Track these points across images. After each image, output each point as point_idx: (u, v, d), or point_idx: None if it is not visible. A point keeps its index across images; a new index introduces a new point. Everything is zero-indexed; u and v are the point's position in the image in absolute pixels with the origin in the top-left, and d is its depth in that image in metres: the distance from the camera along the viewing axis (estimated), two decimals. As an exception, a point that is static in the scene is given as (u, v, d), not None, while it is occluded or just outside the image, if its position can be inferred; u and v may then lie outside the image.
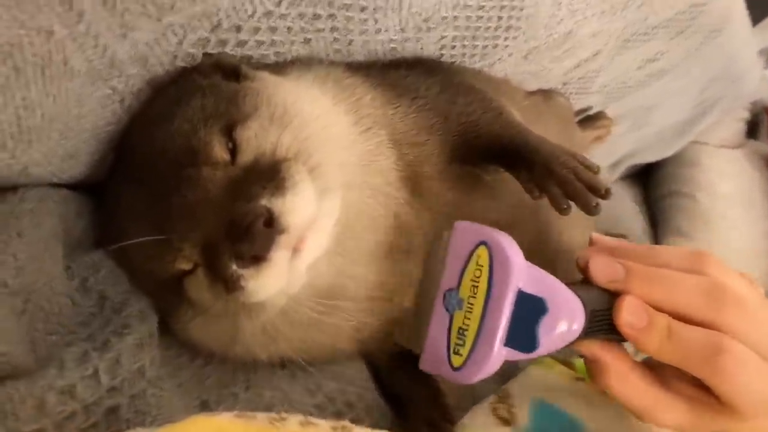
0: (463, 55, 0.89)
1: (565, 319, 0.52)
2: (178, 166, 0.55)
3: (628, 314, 0.55)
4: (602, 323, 0.56)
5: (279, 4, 0.61)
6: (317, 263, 0.60)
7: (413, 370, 0.75)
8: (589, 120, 1.36)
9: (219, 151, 0.55)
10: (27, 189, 0.55)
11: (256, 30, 0.63)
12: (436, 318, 0.55)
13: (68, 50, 0.51)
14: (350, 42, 0.73)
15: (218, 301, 0.56)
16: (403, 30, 0.76)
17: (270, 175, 0.54)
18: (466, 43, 0.87)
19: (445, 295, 0.55)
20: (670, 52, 1.26)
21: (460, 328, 0.53)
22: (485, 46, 0.90)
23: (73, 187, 0.61)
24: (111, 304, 0.56)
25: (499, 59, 0.95)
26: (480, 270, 0.53)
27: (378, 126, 0.70)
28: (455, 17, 0.79)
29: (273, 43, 0.66)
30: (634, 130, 1.59)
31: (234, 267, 0.52)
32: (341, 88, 0.70)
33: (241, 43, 0.63)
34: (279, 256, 0.53)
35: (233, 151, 0.56)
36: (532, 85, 1.13)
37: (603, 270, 0.57)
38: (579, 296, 0.53)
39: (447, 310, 0.54)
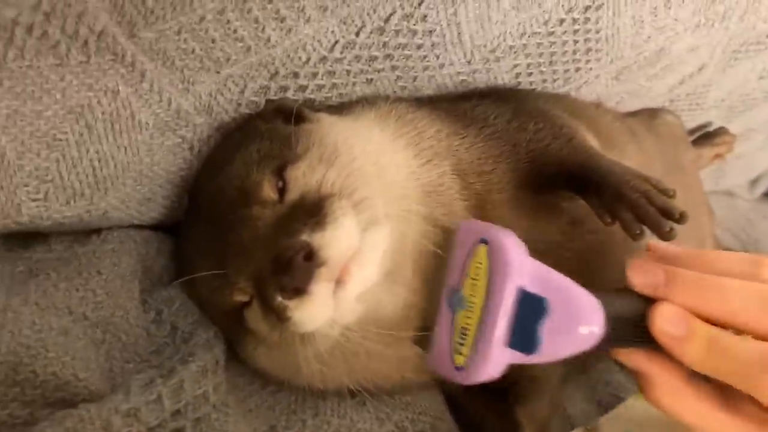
0: (544, 81, 0.88)
1: (572, 321, 0.48)
2: (235, 206, 0.59)
3: (664, 322, 0.51)
4: (641, 333, 0.51)
5: (332, 49, 0.64)
6: (375, 294, 0.62)
7: (491, 400, 0.75)
8: (707, 137, 1.28)
9: (268, 190, 0.59)
10: (110, 231, 0.62)
11: (314, 75, 0.66)
12: (441, 317, 0.54)
13: (134, 106, 0.57)
14: (415, 78, 0.74)
15: (273, 331, 0.59)
16: (469, 62, 0.77)
17: (313, 211, 0.56)
18: (543, 69, 0.86)
19: (449, 297, 0.53)
20: (794, 58, 1.17)
21: (462, 327, 0.51)
22: (566, 71, 0.88)
23: (155, 227, 0.67)
24: (181, 334, 0.61)
25: (586, 82, 0.93)
26: (479, 269, 0.51)
27: (440, 157, 0.71)
28: (524, 45, 0.79)
29: (334, 85, 0.69)
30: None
31: (279, 299, 0.55)
32: (403, 123, 0.72)
33: (302, 88, 0.67)
34: (320, 287, 0.55)
35: (282, 191, 0.59)
36: (634, 105, 1.09)
37: (640, 274, 0.54)
38: (600, 299, 0.49)
39: (450, 308, 0.52)
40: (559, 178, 0.74)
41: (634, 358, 0.54)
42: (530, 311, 0.48)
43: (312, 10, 0.60)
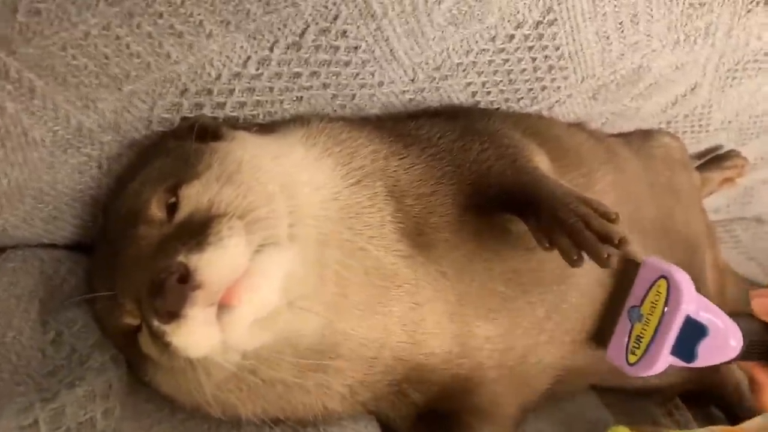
0: (507, 100, 0.83)
1: (721, 344, 0.65)
2: (126, 225, 0.56)
3: None
4: (761, 351, 0.69)
5: (245, 65, 0.61)
6: (287, 321, 0.58)
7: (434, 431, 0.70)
8: (717, 160, 1.19)
9: (155, 209, 0.56)
10: (14, 250, 0.60)
11: (231, 92, 0.62)
12: (620, 325, 0.69)
13: (25, 123, 0.55)
14: (353, 97, 0.71)
15: (163, 356, 0.55)
16: (413, 80, 0.72)
17: (198, 230, 0.53)
18: (503, 87, 0.80)
19: (629, 310, 0.69)
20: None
21: (637, 335, 0.67)
22: (530, 90, 0.82)
23: (72, 247, 0.65)
24: (78, 357, 0.58)
25: (558, 102, 0.87)
26: (658, 296, 0.66)
27: (372, 178, 0.67)
28: (473, 62, 0.74)
29: (258, 103, 0.65)
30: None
31: (156, 323, 0.52)
32: (335, 143, 0.68)
33: (220, 105, 0.63)
34: (196, 311, 0.51)
35: (173, 210, 0.56)
36: (624, 126, 1.02)
37: (762, 307, 0.69)
38: (740, 326, 0.65)
39: (629, 320, 0.68)
40: (502, 200, 0.69)
41: (754, 369, 0.72)
42: (692, 332, 0.64)
43: (212, 25, 0.57)
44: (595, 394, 0.92)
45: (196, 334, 0.52)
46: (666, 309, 0.65)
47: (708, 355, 0.64)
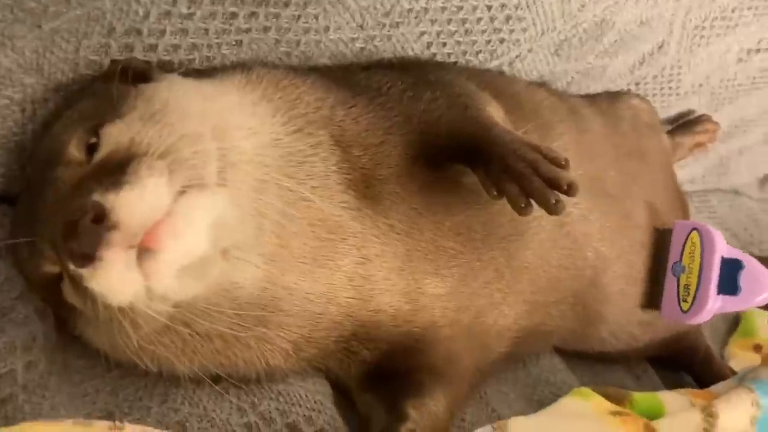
0: (465, 53, 0.79)
1: (759, 273, 0.72)
2: (45, 168, 0.52)
3: None
4: None
5: (175, 3, 0.57)
6: (223, 272, 0.55)
7: (382, 391, 0.66)
8: (688, 125, 1.16)
9: (74, 150, 0.52)
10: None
11: (162, 33, 0.59)
12: (668, 283, 0.77)
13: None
14: (298, 43, 0.67)
15: (87, 305, 0.52)
16: (362, 27, 0.69)
17: (115, 170, 0.49)
18: (459, 39, 0.77)
19: (672, 266, 0.77)
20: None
21: (685, 285, 0.74)
22: (489, 41, 0.79)
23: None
24: (1, 309, 0.55)
25: (518, 56, 0.83)
26: (694, 246, 0.74)
27: (315, 126, 0.63)
28: (425, 9, 0.70)
29: (194, 46, 0.62)
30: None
31: (72, 267, 0.48)
32: (276, 90, 0.64)
33: (152, 48, 0.60)
34: (113, 254, 0.47)
35: (93, 150, 0.52)
36: (591, 87, 0.98)
37: None
38: None
39: (674, 275, 0.76)
40: (452, 149, 0.66)
41: None
42: (731, 269, 0.72)
43: (134, -45, 0.53)
44: (561, 357, 0.89)
45: (114, 279, 0.48)
46: (703, 254, 0.73)
47: (749, 286, 0.71)
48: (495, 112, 0.68)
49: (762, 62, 1.09)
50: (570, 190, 0.56)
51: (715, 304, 0.73)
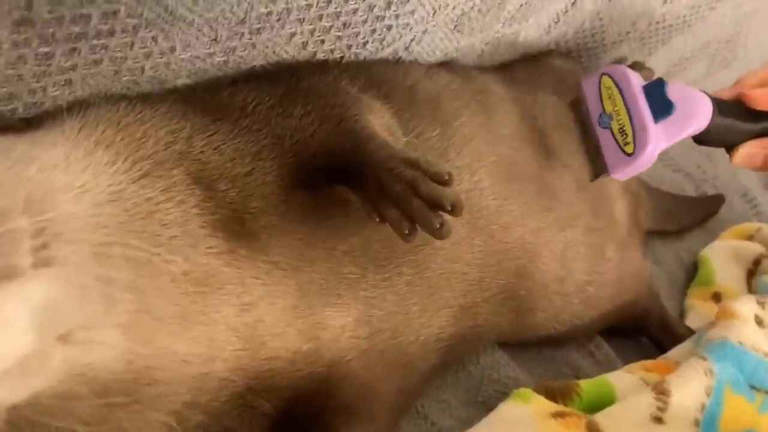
0: (349, 46, 0.68)
1: (682, 86, 0.64)
2: None
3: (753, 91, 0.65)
4: (735, 112, 0.66)
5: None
6: (78, 357, 0.44)
7: None
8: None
9: None
10: None
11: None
12: (602, 137, 0.66)
13: None
14: (142, 69, 0.55)
15: None
16: (215, 40, 0.57)
17: None
18: (339, 33, 0.65)
19: (598, 121, 0.67)
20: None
21: (619, 129, 0.64)
22: (374, 30, 0.67)
23: None
24: None
25: (413, 40, 0.72)
26: (610, 90, 0.66)
27: (167, 166, 0.52)
28: (287, 9, 0.58)
29: (11, 95, 0.51)
30: (719, 70, 1.23)
31: None
32: (116, 131, 0.53)
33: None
34: None
35: None
36: (506, 56, 0.87)
37: None
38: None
39: (605, 127, 0.66)
40: (328, 170, 0.55)
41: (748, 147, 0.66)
42: (655, 90, 0.64)
43: None
44: (504, 351, 0.80)
45: None
46: (623, 92, 0.65)
47: (682, 100, 0.63)
48: (377, 119, 0.58)
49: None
50: (454, 210, 0.46)
51: (658, 133, 0.62)
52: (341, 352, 0.57)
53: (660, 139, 0.62)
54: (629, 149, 0.63)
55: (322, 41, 0.64)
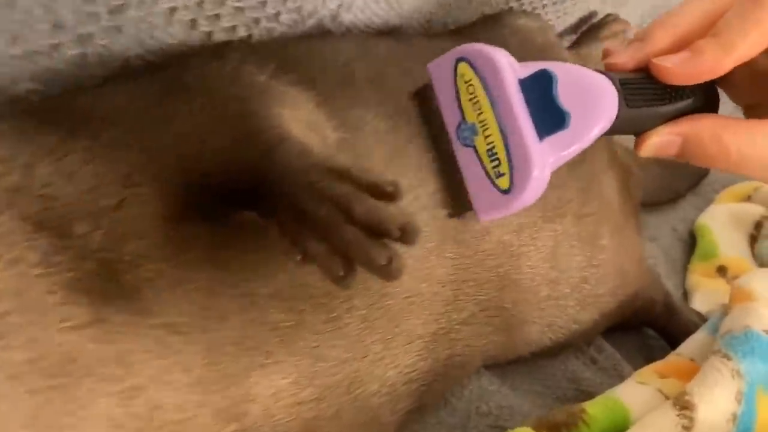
0: (257, 21, 0.52)
1: (582, 77, 0.40)
2: None
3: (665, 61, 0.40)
4: (645, 93, 0.43)
5: None
6: None
7: None
8: (593, 31, 0.90)
9: None
10: None
11: None
12: (462, 160, 0.43)
13: None
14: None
15: None
16: (61, 27, 0.41)
17: None
18: (238, 4, 0.49)
19: (456, 133, 0.44)
20: None
21: (488, 150, 0.42)
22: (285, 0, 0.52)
23: None
24: None
25: (341, 6, 0.56)
26: (472, 86, 0.42)
27: None
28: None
29: None
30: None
31: None
32: None
33: None
34: None
35: None
36: (461, 19, 0.72)
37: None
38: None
39: (466, 144, 0.43)
40: (232, 191, 0.40)
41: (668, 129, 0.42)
42: (539, 90, 0.41)
43: None
44: (492, 373, 0.66)
45: None
46: (489, 90, 0.42)
47: (579, 98, 0.41)
48: (294, 113, 0.42)
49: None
50: (405, 235, 0.31)
51: (544, 154, 0.41)
52: (280, 423, 0.42)
53: (546, 161, 0.41)
54: (503, 183, 0.42)
55: (217, 16, 0.48)
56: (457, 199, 0.44)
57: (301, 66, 0.49)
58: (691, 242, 0.95)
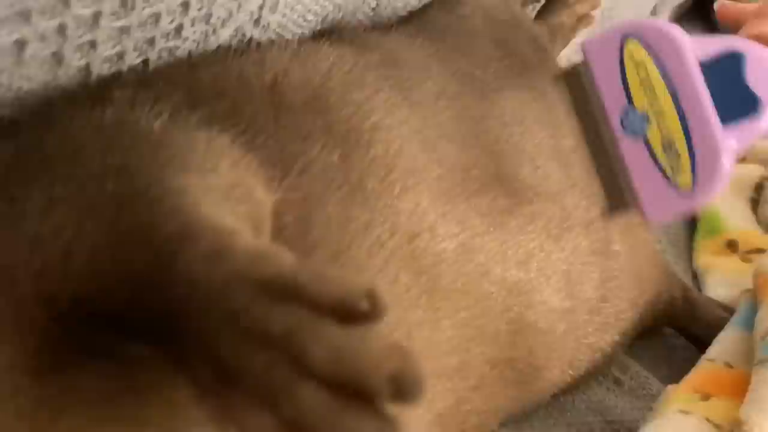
0: (151, 40, 0.38)
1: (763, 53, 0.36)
2: None
3: None
4: None
5: None
6: None
7: None
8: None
9: None
10: None
11: None
12: (627, 150, 0.38)
13: None
14: None
15: None
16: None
17: None
18: (118, 23, 0.35)
19: (621, 121, 0.38)
20: None
21: (663, 143, 0.37)
22: (185, 6, 0.38)
23: None
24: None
25: (262, 6, 0.43)
26: (641, 68, 0.37)
27: None
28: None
29: None
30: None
31: None
32: None
33: None
34: None
35: None
36: (411, 3, 0.59)
37: None
38: None
39: (634, 133, 0.38)
40: (119, 325, 0.26)
41: None
42: (727, 71, 0.36)
43: None
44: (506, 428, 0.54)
45: None
46: (666, 71, 0.37)
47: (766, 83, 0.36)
48: (204, 176, 0.28)
49: None
50: (404, 387, 0.18)
51: (729, 146, 0.37)
52: None
53: (731, 153, 0.37)
54: (683, 181, 0.37)
55: (91, 43, 0.33)
56: (612, 195, 0.39)
57: (217, 94, 0.35)
58: (692, 220, 0.86)
